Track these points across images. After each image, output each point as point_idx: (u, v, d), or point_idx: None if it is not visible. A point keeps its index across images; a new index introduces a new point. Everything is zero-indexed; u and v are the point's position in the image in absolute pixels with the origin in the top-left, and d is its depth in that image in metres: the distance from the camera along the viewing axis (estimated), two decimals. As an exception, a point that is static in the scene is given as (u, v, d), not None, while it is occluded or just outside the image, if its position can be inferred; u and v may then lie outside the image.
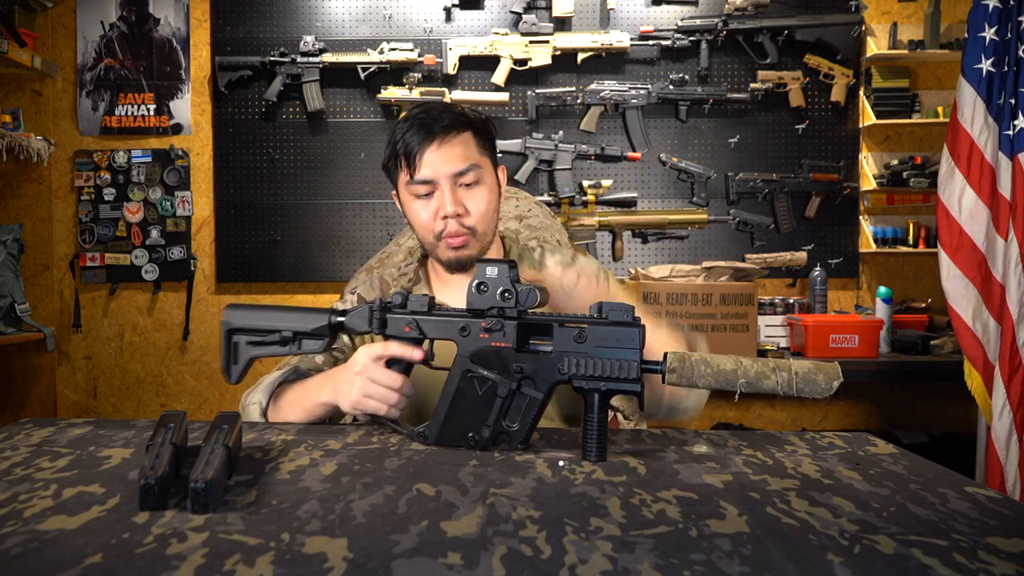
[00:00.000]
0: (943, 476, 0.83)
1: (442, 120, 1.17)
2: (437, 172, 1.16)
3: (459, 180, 1.17)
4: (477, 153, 1.20)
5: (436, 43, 3.16)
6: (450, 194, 1.16)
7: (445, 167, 1.16)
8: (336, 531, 0.62)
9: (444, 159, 1.16)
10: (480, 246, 1.21)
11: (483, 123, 1.23)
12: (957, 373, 2.39)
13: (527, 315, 0.91)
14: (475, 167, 1.18)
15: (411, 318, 0.95)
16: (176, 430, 0.79)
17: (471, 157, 1.18)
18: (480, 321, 0.91)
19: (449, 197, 1.16)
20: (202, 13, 3.22)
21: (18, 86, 3.20)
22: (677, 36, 3.12)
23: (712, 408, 3.23)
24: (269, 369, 1.23)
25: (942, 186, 2.35)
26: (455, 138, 1.17)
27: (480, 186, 1.19)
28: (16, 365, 3.23)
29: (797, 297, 3.07)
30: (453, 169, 1.16)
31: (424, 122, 1.16)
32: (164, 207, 3.22)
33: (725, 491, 0.75)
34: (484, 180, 1.20)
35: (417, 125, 1.17)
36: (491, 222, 1.22)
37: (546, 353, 0.89)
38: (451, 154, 1.17)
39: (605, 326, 0.87)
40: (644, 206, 3.19)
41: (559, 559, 0.57)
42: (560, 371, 0.88)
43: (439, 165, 1.16)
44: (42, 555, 0.57)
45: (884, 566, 0.56)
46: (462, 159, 1.17)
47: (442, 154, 1.16)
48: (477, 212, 1.19)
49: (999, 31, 2.26)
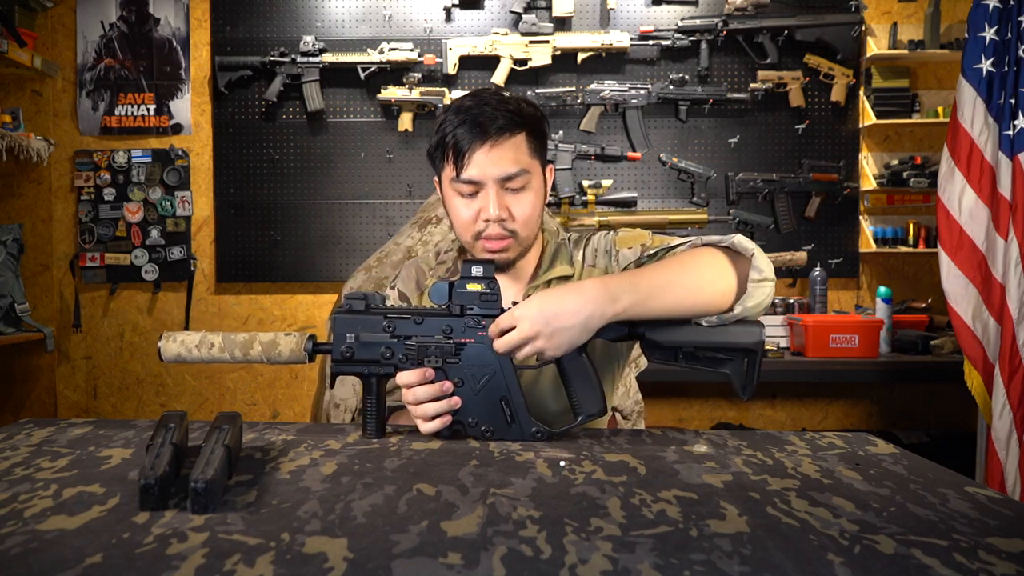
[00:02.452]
0: (943, 476, 0.83)
1: (496, 120, 1.12)
2: (485, 174, 1.12)
3: (507, 184, 1.14)
4: (528, 156, 1.15)
5: (436, 43, 3.16)
6: (496, 197, 1.13)
7: (494, 170, 1.12)
8: (336, 531, 0.62)
9: (494, 161, 1.12)
10: (521, 249, 1.18)
11: (538, 122, 1.18)
12: (957, 373, 2.39)
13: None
14: (524, 172, 1.14)
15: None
16: (176, 430, 0.79)
17: (522, 161, 1.14)
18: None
19: (494, 200, 1.13)
20: (202, 13, 3.22)
21: (18, 86, 3.20)
22: (677, 36, 3.12)
23: (712, 408, 3.23)
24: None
25: (942, 186, 2.35)
26: (508, 140, 1.13)
27: (527, 191, 1.15)
28: (16, 365, 3.23)
29: (797, 297, 3.07)
30: (502, 173, 1.12)
31: (478, 120, 1.12)
32: (164, 207, 3.22)
33: (725, 491, 0.75)
34: (532, 184, 1.16)
35: (470, 121, 1.12)
36: (535, 226, 1.19)
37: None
38: (501, 157, 1.12)
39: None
40: (644, 206, 3.19)
41: (559, 559, 0.57)
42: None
43: (488, 167, 1.12)
44: (42, 555, 0.57)
45: (884, 566, 0.56)
46: (512, 163, 1.13)
47: (492, 156, 1.12)
48: (522, 216, 1.15)
49: (999, 31, 2.26)
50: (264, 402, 3.31)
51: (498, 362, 0.98)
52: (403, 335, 0.99)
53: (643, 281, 0.99)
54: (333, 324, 1.02)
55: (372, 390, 1.00)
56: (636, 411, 1.49)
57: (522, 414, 0.98)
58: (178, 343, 1.01)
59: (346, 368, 1.00)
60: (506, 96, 1.16)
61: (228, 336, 1.02)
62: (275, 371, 3.31)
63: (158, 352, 1.02)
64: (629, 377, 1.51)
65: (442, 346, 0.99)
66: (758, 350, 0.99)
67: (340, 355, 1.00)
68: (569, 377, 1.00)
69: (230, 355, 1.01)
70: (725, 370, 1.00)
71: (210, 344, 1.01)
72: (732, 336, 1.00)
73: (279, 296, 3.27)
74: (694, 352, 1.01)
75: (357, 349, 0.99)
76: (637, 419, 1.49)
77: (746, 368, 1.00)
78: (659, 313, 0.99)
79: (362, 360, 0.99)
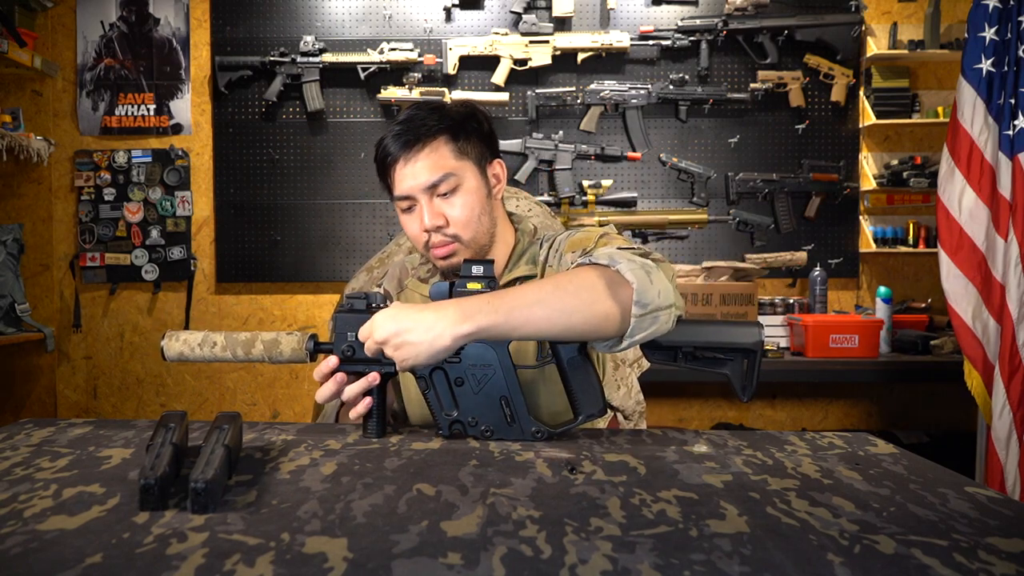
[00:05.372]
0: (943, 476, 0.83)
1: (408, 133, 1.14)
2: (411, 187, 1.14)
3: (435, 192, 1.14)
4: (452, 159, 1.15)
5: (436, 43, 3.16)
6: (427, 207, 1.14)
7: (416, 181, 1.14)
8: (336, 531, 0.62)
9: (414, 174, 1.14)
10: (471, 251, 1.18)
11: (461, 122, 1.17)
12: (957, 373, 2.39)
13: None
14: (448, 176, 1.14)
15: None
16: (176, 430, 0.79)
17: (443, 166, 1.14)
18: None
19: (426, 211, 1.14)
20: (202, 13, 3.22)
21: (18, 86, 3.20)
22: (677, 36, 3.12)
23: (712, 408, 3.23)
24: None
25: (942, 186, 2.35)
26: (423, 150, 1.14)
27: (458, 193, 1.15)
28: (16, 365, 3.23)
29: (797, 297, 3.07)
30: (425, 183, 1.13)
31: (397, 135, 1.14)
32: (164, 207, 3.22)
33: (725, 491, 0.75)
34: (463, 184, 1.16)
35: (391, 138, 1.15)
36: (478, 225, 1.18)
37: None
38: (421, 167, 1.13)
39: None
40: (644, 206, 3.19)
41: (559, 559, 0.57)
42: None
43: (410, 180, 1.14)
44: (42, 555, 0.57)
45: (884, 566, 0.56)
46: (433, 170, 1.14)
47: (411, 170, 1.14)
48: (458, 219, 1.15)
49: (999, 31, 2.26)
50: (264, 402, 3.31)
51: (498, 361, 0.98)
52: None
53: (504, 302, 0.94)
54: (334, 323, 1.02)
55: (372, 389, 1.00)
56: (638, 411, 1.49)
57: (522, 414, 0.98)
58: (181, 342, 1.02)
59: (347, 367, 1.00)
60: (432, 104, 1.17)
61: (230, 335, 1.02)
62: (275, 371, 3.31)
63: (161, 351, 1.02)
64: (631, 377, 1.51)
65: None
66: (758, 350, 0.99)
67: (341, 354, 1.00)
68: (569, 377, 1.00)
69: (232, 354, 1.01)
70: (725, 371, 1.00)
71: (212, 343, 1.01)
72: (732, 336, 0.99)
73: (279, 296, 3.27)
74: (694, 352, 1.00)
75: (358, 348, 0.99)
76: (639, 419, 1.49)
77: (746, 368, 0.99)
78: (527, 334, 0.95)
79: (363, 359, 1.00)
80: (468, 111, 1.20)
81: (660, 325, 0.96)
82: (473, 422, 0.99)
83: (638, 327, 0.95)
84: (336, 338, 1.01)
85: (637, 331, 0.95)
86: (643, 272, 0.96)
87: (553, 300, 0.94)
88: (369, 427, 1.00)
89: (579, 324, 0.95)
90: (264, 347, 1.01)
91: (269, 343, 1.01)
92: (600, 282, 0.96)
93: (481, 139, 1.20)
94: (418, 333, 0.93)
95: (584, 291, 0.95)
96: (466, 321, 0.92)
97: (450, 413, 0.99)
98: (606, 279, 0.96)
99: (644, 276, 0.95)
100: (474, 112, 1.20)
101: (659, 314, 0.95)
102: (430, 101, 1.18)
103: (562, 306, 0.94)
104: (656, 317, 0.95)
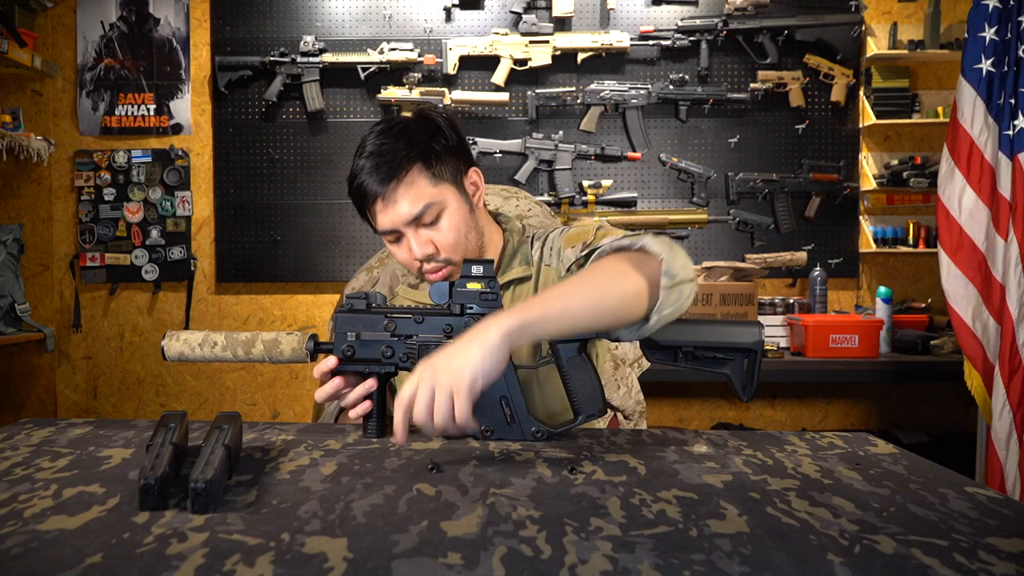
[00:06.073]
0: (943, 476, 0.83)
1: (380, 170, 1.11)
2: (393, 223, 1.13)
3: (419, 223, 1.13)
4: (430, 187, 1.13)
5: (436, 43, 3.16)
6: (414, 238, 1.13)
7: (399, 217, 1.12)
8: (336, 531, 0.62)
9: (395, 211, 1.12)
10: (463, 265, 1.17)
11: (429, 143, 1.14)
12: (957, 373, 2.39)
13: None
14: (430, 205, 1.13)
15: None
16: (176, 430, 0.79)
17: (422, 196, 1.12)
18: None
19: (414, 242, 1.13)
20: (202, 13, 3.22)
21: (18, 86, 3.20)
22: (677, 36, 3.11)
23: (712, 408, 3.23)
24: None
25: (942, 186, 2.36)
26: (400, 185, 1.12)
27: (442, 217, 1.14)
28: (16, 365, 3.23)
29: (797, 297, 3.07)
30: (407, 216, 1.12)
31: (370, 171, 1.12)
32: (164, 207, 3.22)
33: (725, 491, 0.75)
34: (446, 208, 1.14)
35: (365, 176, 1.12)
36: (466, 243, 1.17)
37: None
38: (402, 203, 1.12)
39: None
40: (644, 206, 3.19)
41: (559, 559, 0.57)
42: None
43: (391, 217, 1.13)
44: (42, 555, 0.57)
45: (884, 566, 0.56)
46: (413, 203, 1.12)
47: (391, 209, 1.12)
48: (446, 244, 1.15)
49: (999, 31, 2.26)
50: (264, 402, 3.31)
51: None
52: (404, 334, 1.00)
53: (538, 299, 0.94)
54: (335, 323, 1.02)
55: (372, 392, 1.00)
56: (638, 411, 1.49)
57: (522, 414, 0.98)
58: (181, 342, 1.02)
59: (347, 367, 1.00)
60: (393, 126, 1.14)
61: (231, 335, 1.02)
62: (275, 371, 3.31)
63: (161, 351, 1.02)
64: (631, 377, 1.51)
65: (443, 345, 0.99)
66: (758, 350, 0.99)
67: (341, 354, 1.00)
68: (569, 377, 1.00)
69: (232, 354, 1.01)
70: (725, 370, 1.00)
71: (213, 343, 1.01)
72: (732, 336, 0.99)
73: (279, 296, 3.27)
74: (694, 352, 1.00)
75: (358, 348, 0.99)
76: (639, 419, 1.49)
77: (746, 368, 0.99)
78: (566, 325, 0.94)
79: (363, 359, 1.00)
80: (432, 126, 1.16)
81: (684, 300, 0.99)
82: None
83: (666, 300, 0.96)
84: (336, 338, 1.01)
85: (665, 305, 0.97)
86: (667, 246, 0.99)
87: (586, 287, 0.96)
88: (369, 427, 1.00)
89: (614, 305, 0.95)
90: (264, 347, 1.01)
91: (269, 343, 1.01)
92: (625, 263, 0.99)
93: (453, 154, 1.17)
94: (466, 345, 0.86)
95: (612, 272, 0.98)
96: (508, 318, 0.90)
97: None
98: (630, 259, 1.00)
99: (668, 249, 0.99)
100: (438, 126, 1.17)
101: (683, 287, 0.98)
102: (383, 131, 1.14)
103: (596, 291, 0.96)
104: (681, 290, 0.98)
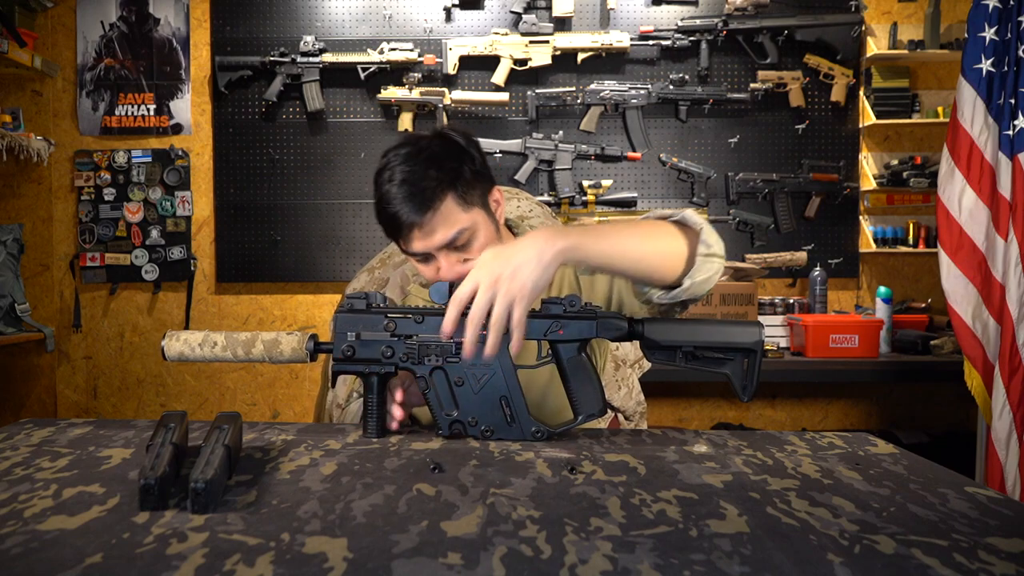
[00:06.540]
0: (943, 476, 0.83)
1: (414, 199, 1.10)
2: (427, 247, 1.13)
3: (451, 246, 1.14)
4: (462, 213, 1.13)
5: (436, 43, 3.16)
6: (445, 261, 1.14)
7: (434, 243, 1.12)
8: (336, 531, 0.62)
9: (431, 236, 1.12)
10: None
11: (458, 169, 1.13)
12: (957, 373, 2.39)
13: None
14: (462, 231, 1.13)
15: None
16: (176, 430, 0.79)
17: (457, 222, 1.12)
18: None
19: (445, 265, 1.14)
20: (202, 13, 3.22)
21: (18, 86, 3.20)
22: (677, 36, 3.12)
23: (712, 408, 3.23)
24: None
25: (942, 186, 2.36)
26: (434, 216, 1.11)
27: (475, 239, 1.15)
28: (16, 365, 3.23)
29: (797, 297, 3.07)
30: (442, 242, 1.12)
31: (403, 200, 1.11)
32: (164, 207, 3.22)
33: (725, 491, 0.75)
34: (477, 231, 1.15)
35: (399, 204, 1.11)
36: None
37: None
38: (437, 229, 1.12)
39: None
40: (644, 206, 3.19)
41: (559, 559, 0.57)
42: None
43: (426, 243, 1.13)
44: (42, 555, 0.57)
45: (884, 566, 0.56)
46: (448, 230, 1.12)
47: (428, 233, 1.12)
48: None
49: (999, 31, 2.26)
50: (264, 402, 3.31)
51: (498, 361, 0.98)
52: (404, 334, 0.99)
53: (592, 227, 1.03)
54: (335, 323, 1.02)
55: (373, 389, 1.00)
56: (639, 412, 1.49)
57: (522, 414, 0.98)
58: (181, 342, 1.01)
59: (347, 367, 1.00)
60: (420, 150, 1.13)
61: (231, 335, 1.02)
62: (275, 371, 3.31)
63: (161, 351, 1.02)
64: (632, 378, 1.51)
65: (442, 345, 0.99)
66: (758, 350, 0.99)
67: (341, 354, 1.00)
68: (569, 376, 1.00)
69: (232, 354, 1.01)
70: (725, 370, 1.00)
71: (213, 343, 1.01)
72: (732, 336, 0.99)
73: (279, 296, 3.27)
74: (694, 352, 1.00)
75: (358, 348, 0.99)
76: (639, 420, 1.49)
77: (746, 368, 1.00)
78: (612, 258, 1.01)
79: (363, 359, 0.99)
80: (458, 149, 1.16)
81: (713, 274, 1.06)
82: (473, 422, 0.99)
83: (701, 267, 1.04)
84: (336, 338, 1.01)
85: (699, 272, 1.04)
86: (705, 220, 1.09)
87: (637, 231, 1.06)
88: (369, 427, 1.00)
89: (656, 258, 1.04)
90: (264, 347, 1.01)
91: (269, 343, 1.01)
92: (670, 226, 1.09)
93: (478, 176, 1.17)
94: (525, 254, 0.93)
95: (659, 228, 1.08)
96: (562, 238, 0.96)
97: (450, 413, 0.99)
98: (676, 227, 1.09)
99: (706, 223, 1.08)
100: (463, 148, 1.16)
101: (714, 261, 1.05)
102: (414, 153, 1.13)
103: (643, 239, 1.05)
104: (712, 262, 1.05)
